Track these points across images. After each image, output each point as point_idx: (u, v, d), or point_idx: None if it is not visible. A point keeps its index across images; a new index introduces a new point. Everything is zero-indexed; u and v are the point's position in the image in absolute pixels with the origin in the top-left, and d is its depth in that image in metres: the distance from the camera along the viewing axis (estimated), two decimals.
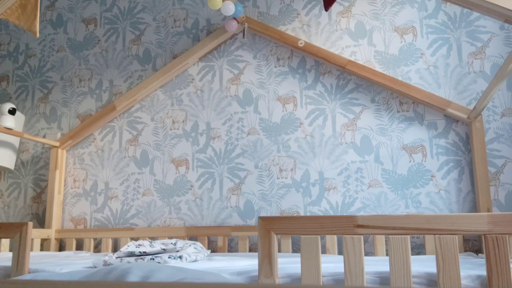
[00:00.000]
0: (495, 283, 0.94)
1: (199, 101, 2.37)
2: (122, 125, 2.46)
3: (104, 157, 2.45)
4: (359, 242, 1.03)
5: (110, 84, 2.55)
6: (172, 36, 2.50)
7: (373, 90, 2.15)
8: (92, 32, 2.64)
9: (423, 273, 1.04)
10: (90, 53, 2.60)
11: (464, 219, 0.99)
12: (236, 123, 2.29)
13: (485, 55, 2.05)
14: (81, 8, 2.70)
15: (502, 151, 1.95)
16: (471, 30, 2.09)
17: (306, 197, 2.13)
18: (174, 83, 2.43)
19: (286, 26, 2.32)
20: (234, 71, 2.35)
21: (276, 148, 2.21)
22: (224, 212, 2.21)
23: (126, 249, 1.50)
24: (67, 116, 2.59)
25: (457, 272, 0.96)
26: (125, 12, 2.61)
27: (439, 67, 2.09)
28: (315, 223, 1.06)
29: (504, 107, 1.99)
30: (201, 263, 1.42)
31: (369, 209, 2.05)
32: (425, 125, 2.06)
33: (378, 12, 2.22)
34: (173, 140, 2.37)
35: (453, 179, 1.99)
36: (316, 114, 2.20)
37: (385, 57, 2.17)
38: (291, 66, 2.27)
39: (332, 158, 2.13)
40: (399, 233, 1.01)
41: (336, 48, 2.23)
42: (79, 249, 2.37)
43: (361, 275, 1.01)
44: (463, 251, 1.89)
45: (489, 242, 0.96)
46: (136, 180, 2.37)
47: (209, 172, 2.28)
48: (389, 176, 2.05)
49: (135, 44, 2.55)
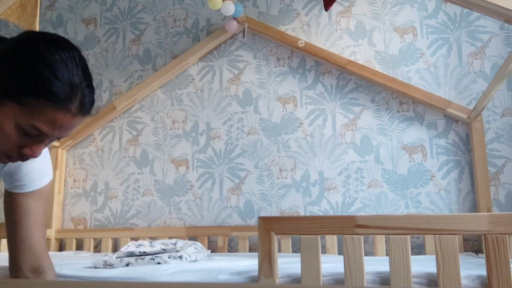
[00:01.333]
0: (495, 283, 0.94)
1: (199, 101, 2.37)
2: (122, 125, 2.46)
3: (104, 157, 2.45)
4: (359, 242, 1.03)
5: (110, 84, 2.55)
6: (172, 36, 2.50)
7: (373, 90, 2.15)
8: (92, 32, 2.64)
9: (423, 273, 1.04)
10: (90, 53, 2.60)
11: (464, 219, 0.99)
12: (236, 123, 2.29)
13: (485, 55, 2.05)
14: (81, 8, 2.70)
15: (502, 151, 1.95)
16: (471, 30, 2.09)
17: (306, 197, 2.13)
18: (174, 83, 2.43)
19: (286, 26, 2.31)
20: (234, 71, 2.35)
21: (276, 148, 2.21)
22: (224, 212, 2.21)
23: (126, 249, 1.50)
24: None
25: (457, 272, 0.96)
26: (125, 12, 2.61)
27: (439, 67, 2.09)
28: (315, 223, 1.06)
29: (504, 107, 1.99)
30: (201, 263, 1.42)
31: (369, 209, 2.05)
32: (425, 125, 2.06)
33: (378, 12, 2.22)
34: (173, 140, 2.37)
35: (453, 179, 1.99)
36: (316, 114, 2.19)
37: (385, 57, 2.17)
38: (291, 66, 2.27)
39: (332, 158, 2.13)
40: (399, 233, 1.01)
41: (336, 48, 2.23)
42: (79, 249, 2.37)
43: (361, 275, 1.01)
44: (463, 251, 1.89)
45: (489, 242, 0.96)
46: (136, 180, 2.37)
47: (209, 172, 2.28)
48: (389, 176, 2.05)
49: (135, 44, 2.55)
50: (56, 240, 2.35)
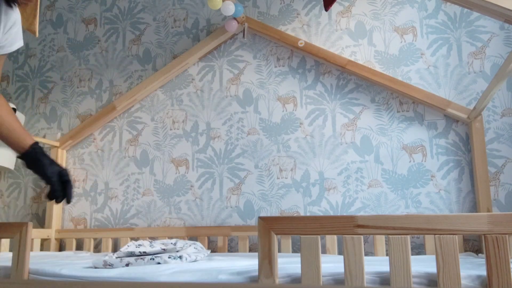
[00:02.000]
0: (495, 283, 0.94)
1: (199, 101, 2.37)
2: (122, 125, 2.46)
3: (104, 157, 2.45)
4: (359, 242, 1.03)
5: (110, 84, 2.55)
6: (172, 36, 2.50)
7: (373, 90, 2.15)
8: (92, 32, 2.64)
9: (423, 273, 1.04)
10: (90, 53, 2.60)
11: (464, 219, 0.99)
12: (236, 123, 2.29)
13: (485, 55, 2.05)
14: (81, 8, 2.70)
15: (502, 151, 1.95)
16: (471, 30, 2.09)
17: (306, 197, 2.13)
18: (174, 83, 2.43)
19: (286, 26, 2.32)
20: (234, 71, 2.35)
21: (276, 148, 2.21)
22: (224, 212, 2.21)
23: (126, 249, 1.50)
24: (67, 116, 2.59)
25: (457, 272, 0.96)
26: (125, 12, 2.61)
27: (439, 67, 2.09)
28: (315, 223, 1.06)
29: (504, 107, 1.99)
30: (201, 263, 1.42)
31: (369, 209, 2.05)
32: (425, 125, 2.06)
33: (378, 12, 2.22)
34: (173, 140, 2.37)
35: (453, 179, 1.99)
36: (316, 114, 2.20)
37: (385, 57, 2.17)
38: (291, 66, 2.27)
39: (332, 158, 2.13)
40: (399, 233, 1.01)
41: (336, 48, 2.23)
42: (79, 249, 2.37)
43: (361, 275, 1.01)
44: (463, 251, 1.89)
45: (489, 242, 0.96)
46: (136, 180, 2.37)
47: (209, 172, 2.28)
48: (389, 176, 2.05)
49: (135, 44, 2.55)
50: (56, 240, 2.35)
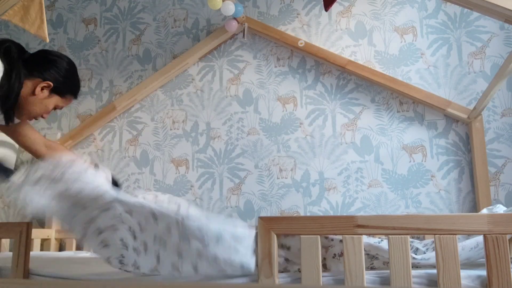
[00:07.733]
0: (495, 283, 0.94)
1: (199, 101, 2.37)
2: (122, 125, 2.46)
3: (104, 157, 2.45)
4: (359, 242, 1.03)
5: (110, 84, 2.55)
6: (172, 36, 2.50)
7: (373, 90, 2.15)
8: (92, 32, 2.64)
9: (423, 273, 1.04)
10: (90, 53, 2.60)
11: (464, 219, 0.99)
12: (236, 123, 2.29)
13: (485, 55, 2.05)
14: (81, 8, 2.70)
15: (502, 151, 1.95)
16: (471, 30, 2.09)
17: (306, 197, 2.13)
18: (174, 83, 2.43)
19: (286, 26, 2.31)
20: (234, 71, 2.35)
21: (276, 148, 2.21)
22: (224, 212, 2.21)
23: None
24: (67, 116, 2.59)
25: (457, 272, 0.96)
26: (125, 12, 2.61)
27: (439, 67, 2.09)
28: (315, 223, 1.06)
29: (504, 107, 1.99)
30: None
31: (369, 209, 2.05)
32: (425, 125, 2.06)
33: (378, 12, 2.22)
34: (173, 140, 2.37)
35: (453, 179, 1.99)
36: (316, 114, 2.20)
37: (385, 57, 2.17)
38: (291, 66, 2.27)
39: (332, 158, 2.13)
40: (399, 233, 1.01)
41: (336, 48, 2.23)
42: (79, 249, 2.36)
43: (361, 275, 1.01)
44: None
45: (489, 242, 0.96)
46: (136, 180, 2.37)
47: (209, 172, 2.28)
48: (389, 176, 2.05)
49: (135, 44, 2.55)
50: (56, 240, 2.34)
